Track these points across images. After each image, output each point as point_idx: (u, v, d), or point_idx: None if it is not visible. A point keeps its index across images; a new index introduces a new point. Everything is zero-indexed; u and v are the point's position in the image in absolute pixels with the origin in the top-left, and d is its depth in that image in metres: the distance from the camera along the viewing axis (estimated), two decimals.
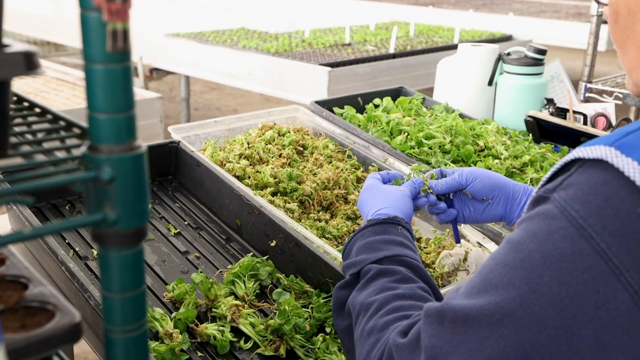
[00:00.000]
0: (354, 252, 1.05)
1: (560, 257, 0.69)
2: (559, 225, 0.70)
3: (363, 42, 4.23)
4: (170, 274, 1.32)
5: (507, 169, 1.66)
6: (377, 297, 0.93)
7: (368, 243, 1.03)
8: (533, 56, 2.02)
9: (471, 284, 0.76)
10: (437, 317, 0.76)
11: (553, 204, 0.72)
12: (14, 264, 0.67)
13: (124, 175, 0.53)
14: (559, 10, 6.29)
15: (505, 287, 0.71)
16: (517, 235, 0.74)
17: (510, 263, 0.72)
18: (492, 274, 0.73)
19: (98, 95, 0.51)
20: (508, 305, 0.70)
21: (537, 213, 0.73)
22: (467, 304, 0.73)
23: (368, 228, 1.07)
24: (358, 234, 1.07)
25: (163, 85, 6.65)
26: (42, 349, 0.56)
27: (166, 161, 1.67)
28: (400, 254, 1.01)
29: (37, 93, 3.44)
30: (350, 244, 1.08)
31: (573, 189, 0.71)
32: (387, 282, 0.95)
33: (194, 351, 1.10)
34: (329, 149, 1.78)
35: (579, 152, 0.73)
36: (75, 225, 0.53)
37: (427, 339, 0.75)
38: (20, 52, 0.52)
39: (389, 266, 0.98)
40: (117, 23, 0.49)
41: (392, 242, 1.03)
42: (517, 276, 0.71)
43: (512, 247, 0.74)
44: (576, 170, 0.72)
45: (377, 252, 1.01)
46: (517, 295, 0.70)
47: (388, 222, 1.07)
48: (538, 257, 0.70)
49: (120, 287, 0.56)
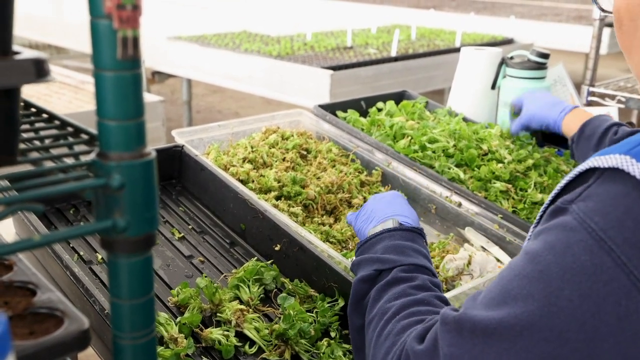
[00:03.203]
0: (381, 249, 1.04)
1: (580, 270, 0.68)
2: (578, 237, 0.69)
3: (365, 45, 4.23)
4: (175, 278, 1.32)
5: (511, 173, 1.66)
6: (396, 302, 0.93)
7: (398, 246, 1.04)
8: (536, 60, 2.02)
9: (490, 295, 0.75)
10: (455, 325, 0.75)
11: (572, 215, 0.71)
12: (22, 270, 0.67)
13: (133, 182, 0.53)
14: (560, 14, 6.29)
15: (524, 300, 0.70)
16: (535, 246, 0.74)
17: (528, 275, 0.72)
18: (511, 285, 0.73)
19: (108, 103, 0.51)
20: (528, 317, 0.69)
21: (556, 225, 0.73)
22: (485, 315, 0.73)
23: (398, 232, 1.07)
24: (386, 232, 1.07)
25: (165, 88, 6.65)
26: (51, 356, 0.56)
27: (170, 165, 1.67)
28: (426, 265, 1.01)
29: (40, 96, 3.44)
30: (377, 239, 1.07)
31: (592, 200, 0.71)
32: (409, 287, 0.95)
33: (198, 356, 1.10)
34: (333, 152, 1.78)
35: (594, 161, 0.73)
36: (85, 232, 0.53)
37: (446, 347, 0.75)
38: (30, 59, 0.52)
39: (414, 274, 0.98)
40: (128, 30, 0.49)
41: (419, 252, 1.03)
42: (536, 289, 0.70)
43: (530, 258, 0.73)
44: (595, 182, 0.72)
45: (407, 257, 1.01)
46: (537, 308, 0.69)
47: (416, 232, 1.09)
48: (556, 269, 0.70)
49: (129, 294, 0.56)
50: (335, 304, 1.22)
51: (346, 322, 1.20)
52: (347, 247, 1.48)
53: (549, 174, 1.67)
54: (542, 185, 1.64)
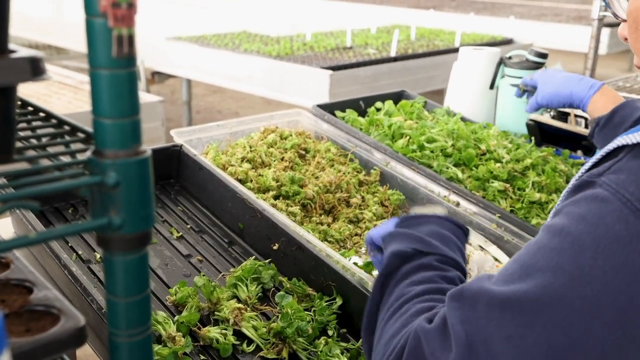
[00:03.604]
0: (426, 232, 0.96)
1: (614, 239, 0.66)
2: (612, 207, 0.67)
3: (364, 46, 4.23)
4: (173, 277, 1.32)
5: (509, 173, 1.66)
6: (419, 286, 0.86)
7: (445, 236, 0.96)
8: (534, 60, 2.02)
9: (507, 272, 0.72)
10: (469, 300, 0.71)
11: (602, 187, 0.70)
12: (18, 268, 0.67)
13: (129, 180, 0.53)
14: (559, 14, 6.30)
15: (553, 271, 0.67)
16: (559, 221, 0.71)
17: (557, 247, 0.69)
18: (535, 259, 0.70)
19: (103, 101, 0.51)
20: (558, 289, 0.66)
21: (584, 197, 0.71)
22: (505, 288, 0.69)
23: (448, 222, 1.00)
24: (436, 218, 1.00)
25: (165, 88, 6.65)
26: (47, 353, 0.57)
27: (169, 165, 1.68)
28: (462, 265, 0.95)
29: (39, 97, 3.45)
30: (425, 219, 0.99)
31: (624, 173, 0.69)
32: (437, 276, 0.89)
33: (196, 354, 1.10)
34: (331, 152, 1.78)
35: (624, 139, 0.72)
36: (81, 230, 0.53)
37: (457, 324, 0.71)
38: (26, 57, 0.52)
39: (448, 267, 0.91)
40: (123, 29, 0.49)
41: (460, 251, 0.97)
42: (566, 259, 0.67)
43: (556, 231, 0.70)
44: (625, 156, 0.71)
45: (450, 249, 0.94)
46: (568, 280, 0.66)
47: (463, 230, 1.01)
48: (589, 239, 0.67)
49: (125, 292, 0.56)
50: (333, 302, 1.22)
51: (344, 320, 1.21)
52: (345, 246, 1.48)
53: (547, 174, 1.67)
54: (540, 184, 1.65)
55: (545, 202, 1.61)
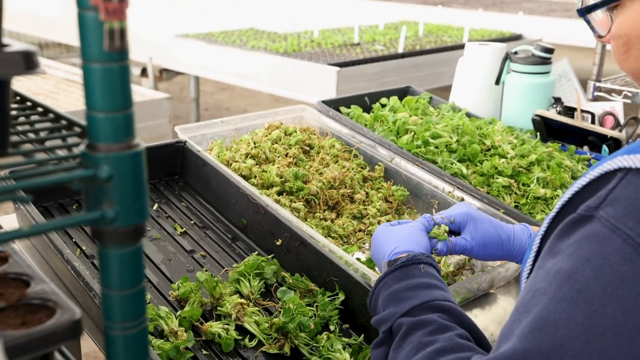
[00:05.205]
0: (381, 305, 0.95)
1: (621, 282, 0.63)
2: (613, 246, 0.64)
3: (372, 42, 4.23)
4: (176, 272, 1.33)
5: (514, 168, 1.66)
6: (417, 356, 0.83)
7: (392, 293, 0.94)
8: (540, 55, 2.01)
9: (523, 324, 0.69)
10: None
11: (601, 222, 0.66)
12: (16, 262, 0.68)
13: (122, 173, 0.53)
14: (569, 9, 6.26)
15: (566, 325, 0.65)
16: (565, 265, 0.68)
17: (566, 297, 0.66)
18: (548, 311, 0.67)
19: (96, 94, 0.52)
20: (574, 345, 0.64)
21: (585, 236, 0.67)
22: (521, 347, 0.67)
23: (388, 276, 0.97)
24: (380, 283, 0.98)
25: (173, 85, 6.67)
26: (42, 345, 0.57)
27: (173, 161, 1.68)
28: (429, 299, 0.91)
29: (47, 94, 3.47)
30: (375, 295, 0.98)
31: (621, 204, 0.66)
32: (423, 335, 0.86)
33: (198, 349, 1.11)
34: (335, 148, 1.78)
35: (620, 161, 0.68)
36: (74, 223, 0.54)
37: None
38: (19, 51, 0.53)
39: (421, 317, 0.88)
40: (114, 22, 0.50)
41: (417, 287, 0.93)
42: (577, 311, 0.65)
43: (565, 277, 0.67)
44: (619, 183, 0.67)
45: (403, 302, 0.91)
46: (581, 333, 0.64)
47: (408, 265, 0.98)
48: (596, 285, 0.64)
49: (120, 284, 0.56)
50: (336, 298, 1.22)
51: (346, 316, 1.21)
52: (349, 242, 1.48)
53: (552, 169, 1.66)
54: (545, 180, 1.64)
55: (550, 197, 1.60)
